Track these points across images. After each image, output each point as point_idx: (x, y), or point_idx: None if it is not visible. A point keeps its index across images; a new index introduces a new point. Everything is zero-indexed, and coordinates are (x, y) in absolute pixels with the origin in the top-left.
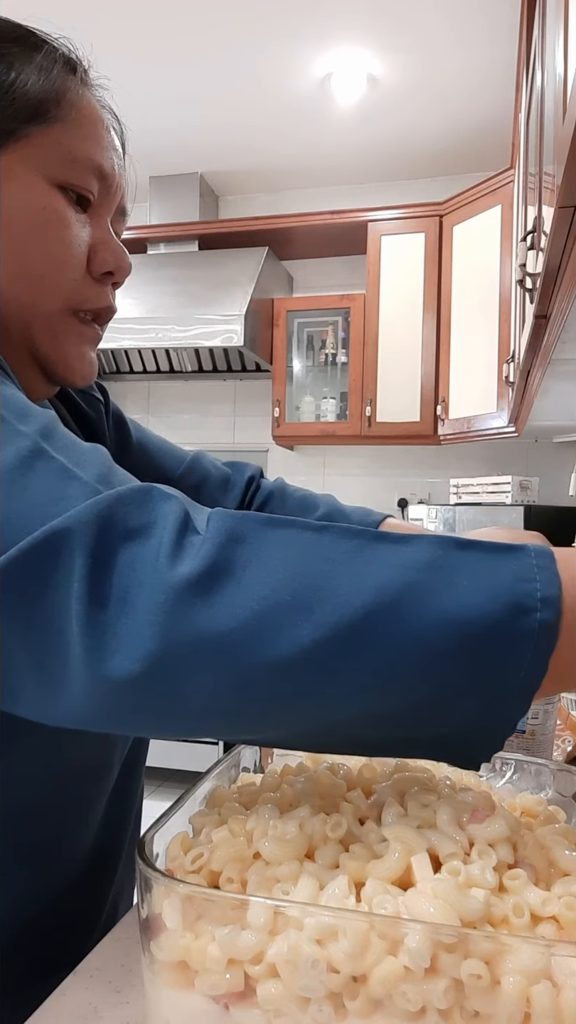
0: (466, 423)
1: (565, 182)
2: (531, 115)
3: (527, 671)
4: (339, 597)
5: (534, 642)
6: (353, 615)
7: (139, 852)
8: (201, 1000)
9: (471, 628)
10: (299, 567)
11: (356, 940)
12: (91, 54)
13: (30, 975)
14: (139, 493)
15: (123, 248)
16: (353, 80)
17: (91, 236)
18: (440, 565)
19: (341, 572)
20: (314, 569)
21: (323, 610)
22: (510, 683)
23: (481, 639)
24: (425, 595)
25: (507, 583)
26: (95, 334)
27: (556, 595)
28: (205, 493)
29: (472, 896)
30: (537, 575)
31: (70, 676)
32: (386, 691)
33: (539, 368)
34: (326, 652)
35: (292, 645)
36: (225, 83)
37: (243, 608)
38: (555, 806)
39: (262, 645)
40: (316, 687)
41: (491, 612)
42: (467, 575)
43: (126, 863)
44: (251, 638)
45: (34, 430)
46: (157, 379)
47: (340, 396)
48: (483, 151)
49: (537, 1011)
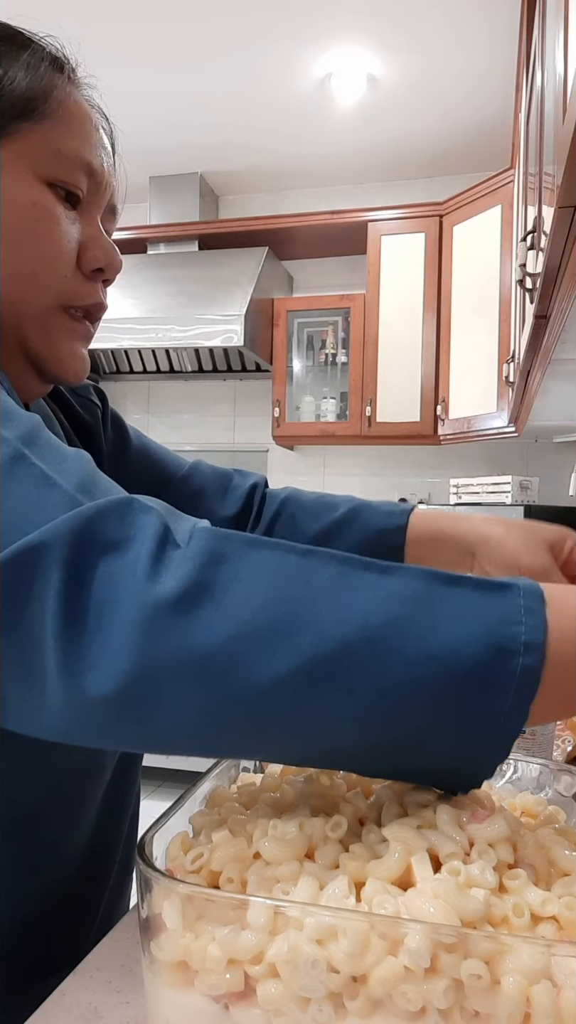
0: (466, 423)
1: (565, 182)
2: (531, 115)
3: (507, 716)
4: (319, 626)
5: (515, 686)
6: (332, 646)
7: (139, 852)
8: (201, 1000)
9: (452, 668)
10: (281, 592)
11: (356, 940)
12: (91, 54)
13: (28, 975)
14: (119, 505)
15: (113, 245)
16: (353, 80)
17: (81, 233)
18: (425, 600)
19: (324, 600)
20: (296, 595)
21: (302, 639)
22: (489, 726)
23: (462, 680)
24: (407, 630)
25: (492, 624)
26: (87, 331)
27: (540, 640)
28: (204, 499)
29: (472, 896)
30: (523, 617)
31: (48, 691)
32: (362, 724)
33: (539, 368)
34: (302, 681)
35: (269, 672)
36: (225, 83)
37: (221, 632)
38: (555, 806)
39: (238, 670)
40: (290, 716)
41: (473, 653)
42: (451, 612)
43: (122, 863)
44: (227, 662)
45: (16, 435)
46: (157, 379)
47: (340, 396)
48: (483, 151)
49: (537, 1011)
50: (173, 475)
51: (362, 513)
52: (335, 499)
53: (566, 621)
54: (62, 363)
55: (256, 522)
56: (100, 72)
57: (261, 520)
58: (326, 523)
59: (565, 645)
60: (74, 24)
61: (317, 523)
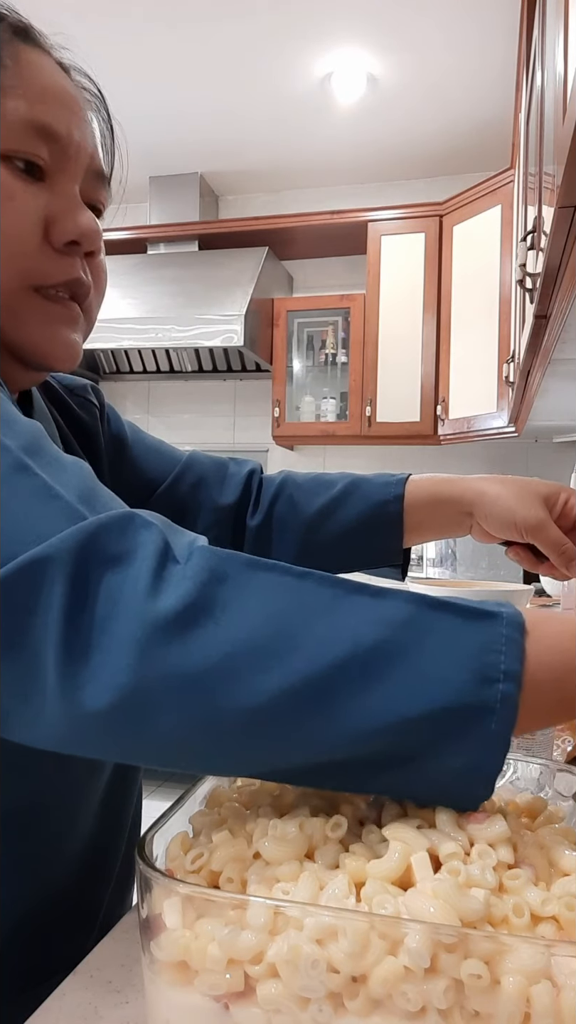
0: (466, 423)
1: (565, 182)
2: (531, 115)
3: (488, 743)
4: (312, 647)
5: (497, 711)
6: (324, 667)
7: (139, 852)
8: (201, 1000)
9: (437, 692)
10: (276, 613)
11: (356, 940)
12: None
13: (27, 975)
14: (120, 520)
15: (90, 215)
16: (353, 80)
17: (48, 205)
18: (414, 625)
19: (317, 622)
20: (291, 617)
21: (294, 659)
22: (472, 750)
23: (444, 706)
24: (396, 654)
25: (474, 652)
26: (70, 313)
27: (519, 669)
28: (204, 488)
29: (472, 896)
30: (504, 647)
31: (47, 702)
32: (350, 745)
33: (539, 368)
34: (294, 701)
35: (261, 691)
36: (225, 83)
37: (217, 650)
38: (555, 806)
39: (232, 688)
40: (282, 734)
41: (457, 679)
42: (437, 638)
43: (124, 864)
44: (222, 680)
45: (18, 444)
46: (157, 379)
47: (340, 396)
48: (483, 151)
49: (537, 1011)
50: (172, 468)
51: (359, 487)
52: (331, 477)
53: (543, 651)
54: (42, 349)
55: (255, 507)
56: (100, 73)
57: (260, 505)
58: (325, 501)
59: (541, 672)
60: (74, 24)
61: (316, 501)
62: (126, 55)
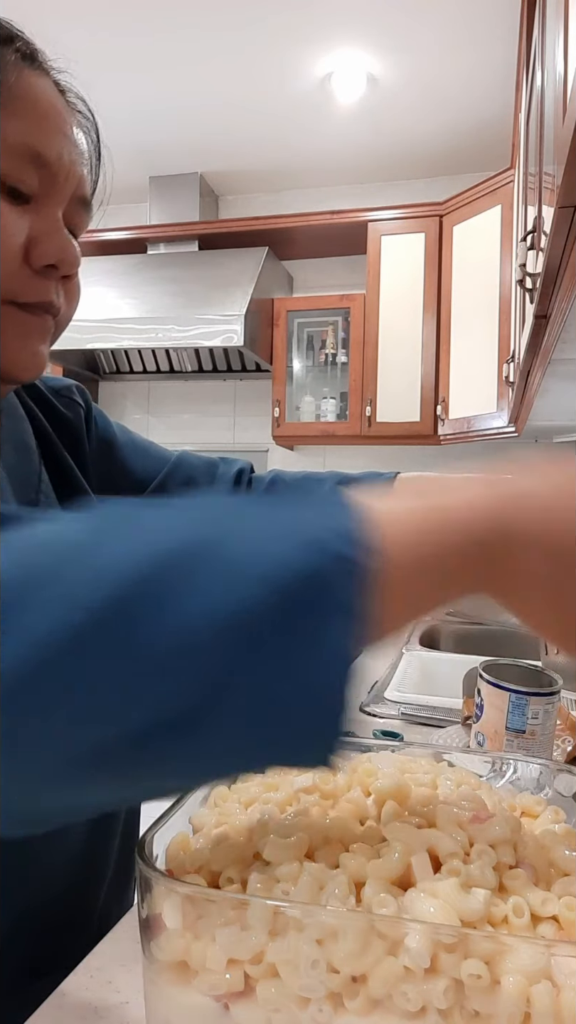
0: (466, 423)
1: (565, 182)
2: (531, 115)
3: (335, 619)
4: (91, 575)
5: (351, 584)
6: (110, 591)
7: (139, 852)
8: (201, 1000)
9: (276, 577)
10: (24, 557)
11: (356, 940)
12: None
13: (26, 975)
14: None
15: (71, 240)
16: (353, 80)
17: (32, 228)
18: (227, 519)
19: (103, 545)
20: (58, 550)
21: (69, 590)
22: (331, 629)
23: (291, 585)
24: (211, 552)
25: (316, 528)
26: (42, 325)
27: (352, 527)
28: (193, 489)
29: (472, 896)
30: (335, 509)
31: None
32: (158, 679)
33: (539, 368)
34: (77, 637)
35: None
36: (225, 83)
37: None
38: (555, 806)
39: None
40: (56, 697)
41: (299, 557)
42: (265, 524)
43: (122, 864)
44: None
45: None
46: (157, 379)
47: (340, 396)
48: (483, 151)
49: (537, 1011)
50: (161, 468)
51: (348, 485)
52: (320, 475)
53: (394, 512)
54: (8, 359)
55: None
56: (100, 73)
57: None
58: None
59: (394, 529)
60: (74, 25)
61: None
62: (126, 55)
